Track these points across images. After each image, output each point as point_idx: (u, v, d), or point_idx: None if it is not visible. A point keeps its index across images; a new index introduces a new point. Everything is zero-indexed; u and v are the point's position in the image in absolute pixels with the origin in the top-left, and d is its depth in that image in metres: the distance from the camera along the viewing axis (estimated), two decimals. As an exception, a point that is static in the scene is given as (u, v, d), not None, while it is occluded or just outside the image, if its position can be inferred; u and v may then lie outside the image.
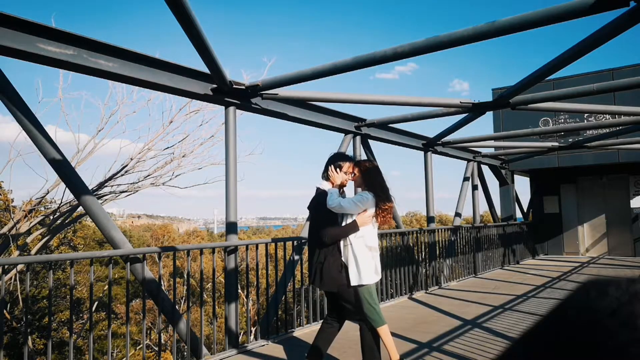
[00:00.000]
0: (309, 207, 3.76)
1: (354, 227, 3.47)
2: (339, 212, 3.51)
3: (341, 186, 3.69)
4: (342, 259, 3.48)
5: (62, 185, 10.05)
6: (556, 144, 10.34)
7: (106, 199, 11.73)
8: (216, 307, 5.71)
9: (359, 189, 3.75)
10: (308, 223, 6.53)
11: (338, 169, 3.64)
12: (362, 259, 3.44)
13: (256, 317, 5.18)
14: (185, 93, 4.95)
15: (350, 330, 3.96)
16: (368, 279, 3.43)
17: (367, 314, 3.42)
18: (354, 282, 3.42)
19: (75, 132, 14.92)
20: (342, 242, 3.50)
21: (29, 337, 11.32)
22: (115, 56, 4.15)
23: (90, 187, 6.54)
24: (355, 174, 3.66)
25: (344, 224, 3.52)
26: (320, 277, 3.49)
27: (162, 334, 5.57)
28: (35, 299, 14.27)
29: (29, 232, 10.82)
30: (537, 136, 11.76)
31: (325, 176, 3.67)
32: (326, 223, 3.50)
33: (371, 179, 3.59)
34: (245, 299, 18.02)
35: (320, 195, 3.58)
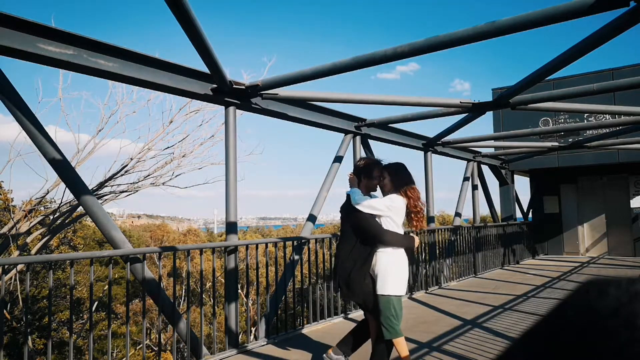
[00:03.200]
0: (341, 210, 3.68)
1: (409, 242, 3.50)
2: (368, 210, 3.42)
3: (369, 190, 3.65)
4: (371, 266, 3.45)
5: (62, 185, 10.05)
6: (556, 144, 10.33)
7: (106, 199, 11.73)
8: (216, 307, 5.71)
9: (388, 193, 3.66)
10: (309, 223, 6.55)
11: (367, 176, 3.60)
12: (394, 270, 3.40)
13: (256, 317, 5.18)
14: (186, 93, 4.95)
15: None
16: (394, 290, 3.38)
17: (382, 322, 3.36)
18: (379, 290, 3.38)
19: (75, 132, 14.91)
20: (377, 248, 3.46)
21: (29, 337, 11.31)
22: (115, 56, 4.16)
23: (90, 187, 6.54)
24: (384, 178, 3.58)
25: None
26: (348, 285, 3.44)
27: (162, 334, 5.57)
28: (35, 299, 14.26)
29: (29, 232, 10.82)
30: (537, 136, 11.76)
31: (356, 183, 3.64)
32: (375, 224, 3.43)
33: (399, 182, 3.54)
34: (245, 299, 18.02)
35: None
